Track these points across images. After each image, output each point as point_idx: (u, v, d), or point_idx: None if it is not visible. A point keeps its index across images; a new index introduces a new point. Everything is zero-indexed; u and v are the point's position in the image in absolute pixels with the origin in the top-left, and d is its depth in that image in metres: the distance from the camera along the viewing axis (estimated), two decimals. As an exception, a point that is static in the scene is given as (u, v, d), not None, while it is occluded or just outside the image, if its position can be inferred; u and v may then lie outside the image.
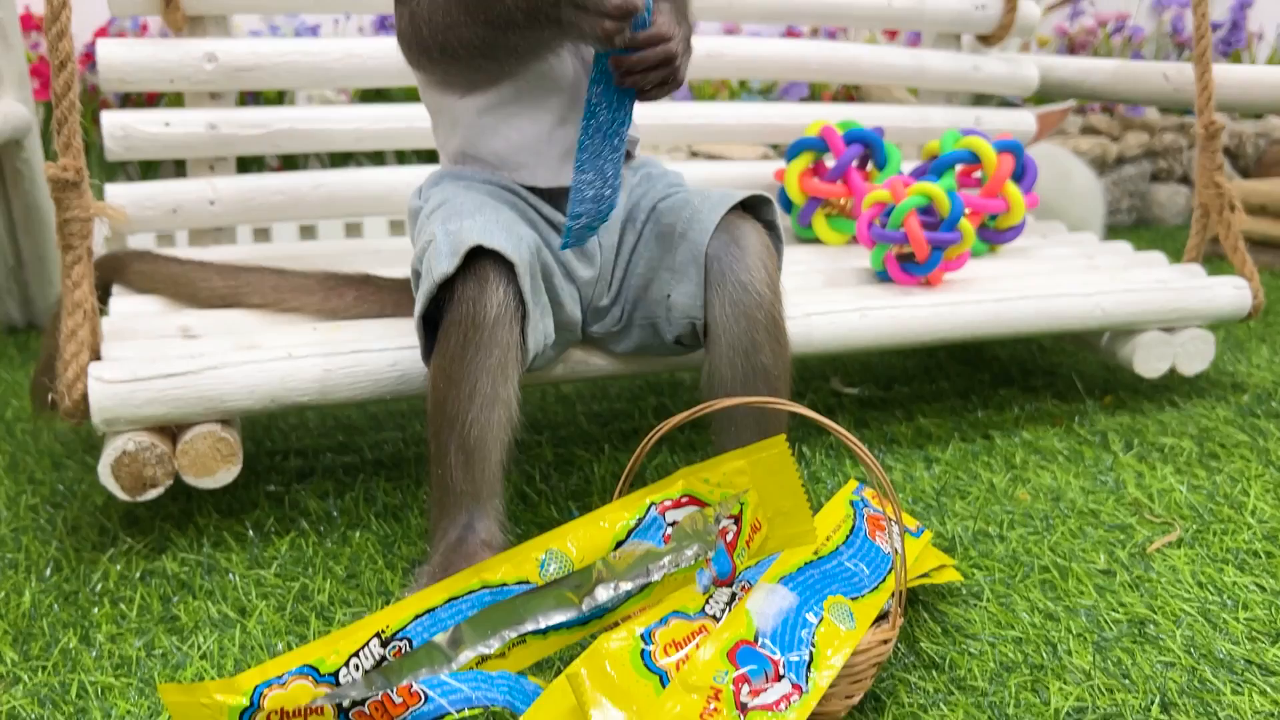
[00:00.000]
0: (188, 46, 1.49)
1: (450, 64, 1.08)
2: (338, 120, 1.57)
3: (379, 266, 1.49)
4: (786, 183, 1.68)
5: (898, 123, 1.89)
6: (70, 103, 1.12)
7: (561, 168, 1.14)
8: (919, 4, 1.89)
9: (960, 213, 1.43)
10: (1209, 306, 1.53)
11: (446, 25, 1.04)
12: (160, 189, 1.50)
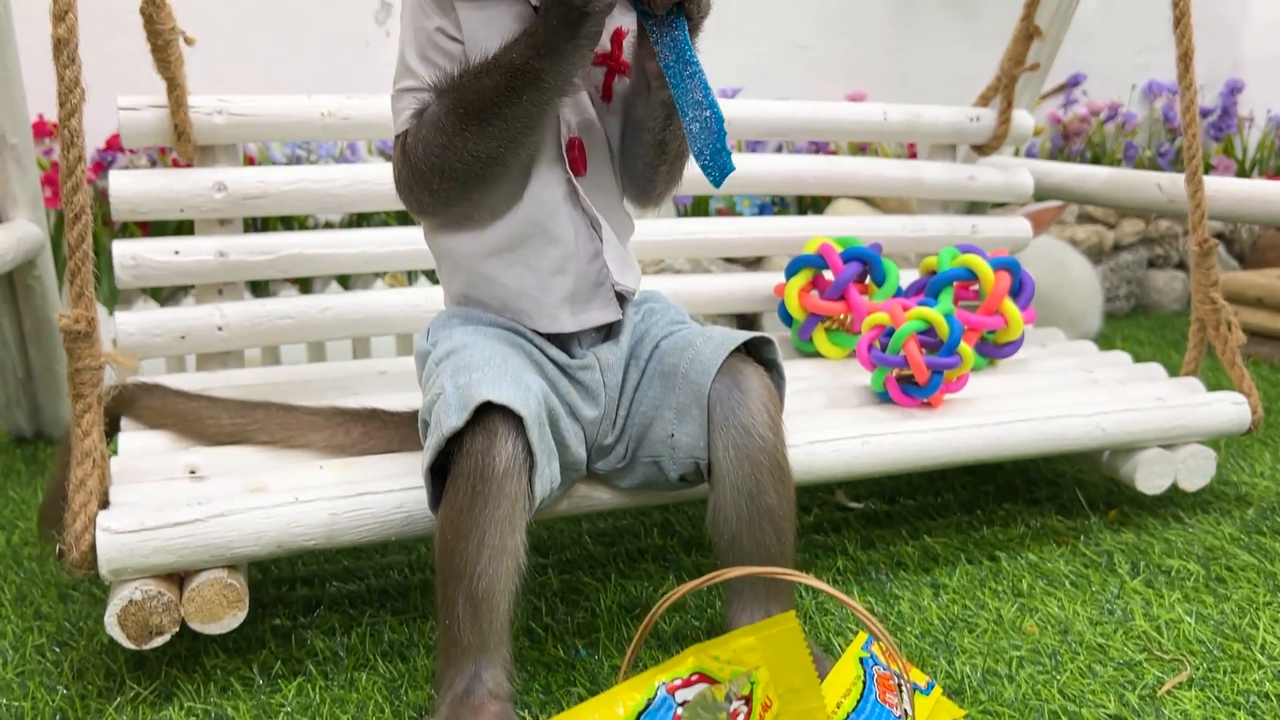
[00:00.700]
0: (198, 177, 1.52)
1: (449, 189, 1.09)
2: (345, 245, 1.59)
3: (385, 390, 1.51)
4: (786, 298, 1.70)
5: (894, 233, 1.91)
6: (84, 253, 1.14)
7: (560, 314, 1.15)
8: (914, 117, 1.93)
9: (959, 337, 1.44)
10: (1209, 423, 1.54)
11: (442, 144, 1.06)
12: (169, 316, 1.52)
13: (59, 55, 1.12)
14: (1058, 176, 2.07)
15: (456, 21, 1.08)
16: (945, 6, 3.32)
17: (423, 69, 1.09)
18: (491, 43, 1.07)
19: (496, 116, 1.03)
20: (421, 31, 1.09)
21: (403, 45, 1.12)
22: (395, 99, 1.13)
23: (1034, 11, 1.88)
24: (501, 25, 1.08)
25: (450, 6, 1.08)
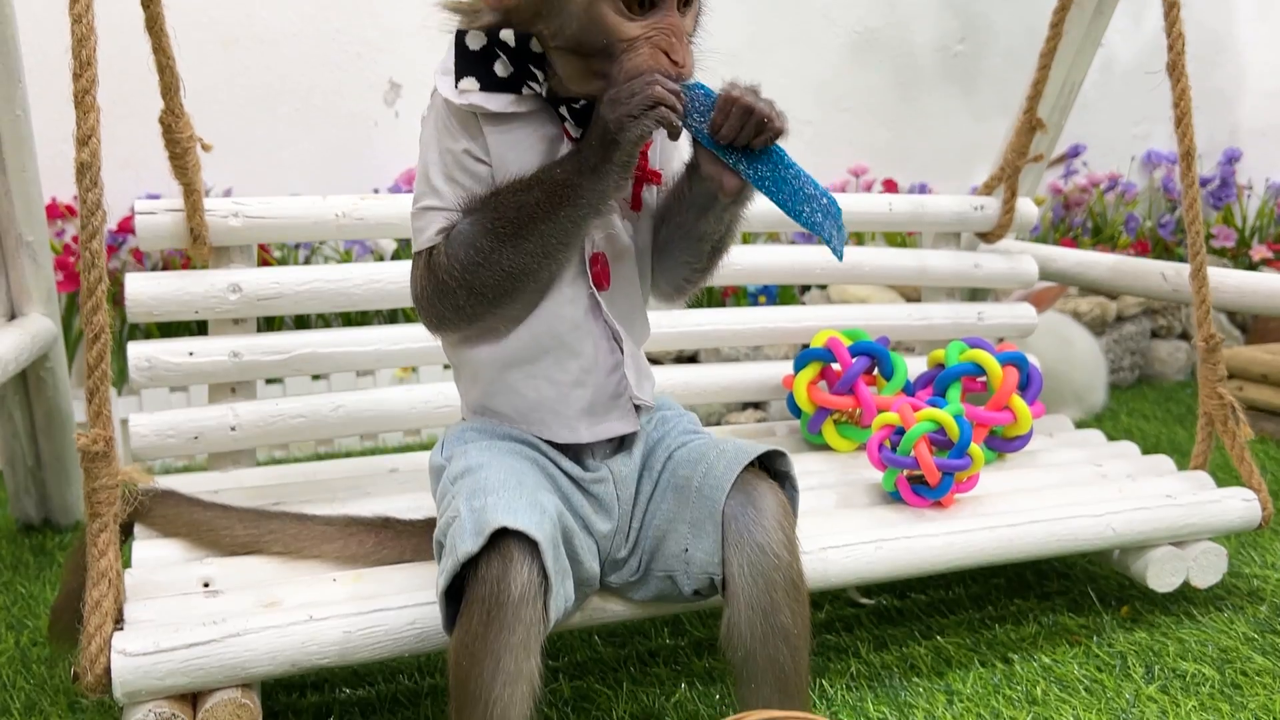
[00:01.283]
0: (213, 279, 1.54)
1: (475, 305, 1.10)
2: (358, 343, 1.60)
3: (397, 490, 1.52)
4: (795, 392, 1.71)
5: (901, 322, 1.93)
6: (102, 373, 1.15)
7: (578, 426, 1.16)
8: (918, 207, 1.95)
9: (969, 438, 1.45)
10: (1219, 521, 1.55)
11: (475, 261, 1.07)
12: (183, 416, 1.53)
13: (81, 179, 1.14)
14: (1061, 262, 2.09)
15: (484, 144, 1.10)
16: (945, 81, 3.37)
17: (448, 188, 1.11)
18: (519, 163, 1.09)
19: (533, 232, 1.05)
20: (448, 153, 1.10)
21: (425, 165, 1.13)
22: (416, 216, 1.13)
23: (1036, 104, 1.90)
24: (529, 146, 1.10)
25: (478, 130, 1.10)
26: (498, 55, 1.08)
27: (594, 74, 1.05)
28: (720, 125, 1.05)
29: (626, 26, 1.03)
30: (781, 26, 3.15)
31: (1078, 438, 1.86)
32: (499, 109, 1.08)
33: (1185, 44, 1.59)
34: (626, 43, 1.03)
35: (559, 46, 1.05)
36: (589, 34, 1.03)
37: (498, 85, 1.08)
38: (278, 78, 2.70)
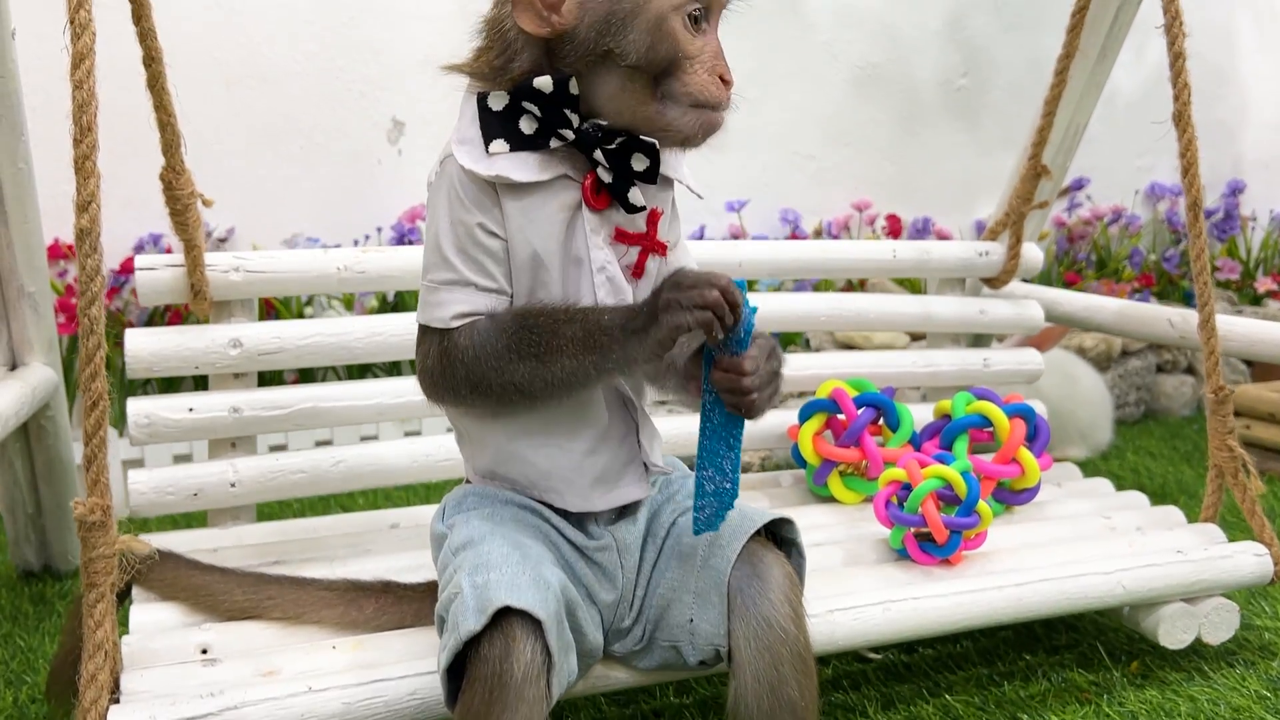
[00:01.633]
0: (213, 334, 1.53)
1: (478, 402, 1.11)
2: (359, 396, 1.59)
3: (398, 548, 1.50)
4: (800, 443, 1.69)
5: (906, 369, 1.92)
6: (100, 440, 1.14)
7: (591, 494, 1.15)
8: (923, 253, 1.94)
9: (977, 496, 1.44)
10: (1230, 577, 1.53)
11: (491, 367, 1.06)
12: (182, 473, 1.52)
13: (81, 244, 1.13)
14: (1068, 306, 2.07)
15: (499, 217, 1.08)
16: (948, 115, 3.36)
17: (460, 261, 1.08)
18: (538, 235, 1.08)
19: (556, 364, 1.04)
20: (460, 225, 1.08)
21: (436, 235, 1.10)
22: (429, 290, 1.11)
23: (1041, 151, 1.90)
24: (547, 216, 1.08)
25: (493, 201, 1.07)
26: (523, 112, 1.06)
27: (654, 94, 1.04)
28: (723, 369, 1.04)
29: (689, 43, 1.04)
30: (784, 62, 3.15)
31: (1085, 487, 1.84)
32: (523, 179, 1.07)
33: (1191, 95, 1.58)
34: (689, 59, 1.04)
35: (628, 65, 1.03)
36: (658, 48, 1.02)
37: (525, 144, 1.07)
38: (281, 117, 2.70)
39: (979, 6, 3.32)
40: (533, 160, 1.07)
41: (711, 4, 1.06)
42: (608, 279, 1.11)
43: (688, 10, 1.03)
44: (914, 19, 3.26)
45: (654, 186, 1.11)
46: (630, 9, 1.02)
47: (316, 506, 2.15)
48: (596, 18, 1.03)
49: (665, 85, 1.04)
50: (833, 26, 3.18)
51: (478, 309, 1.08)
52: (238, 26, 2.62)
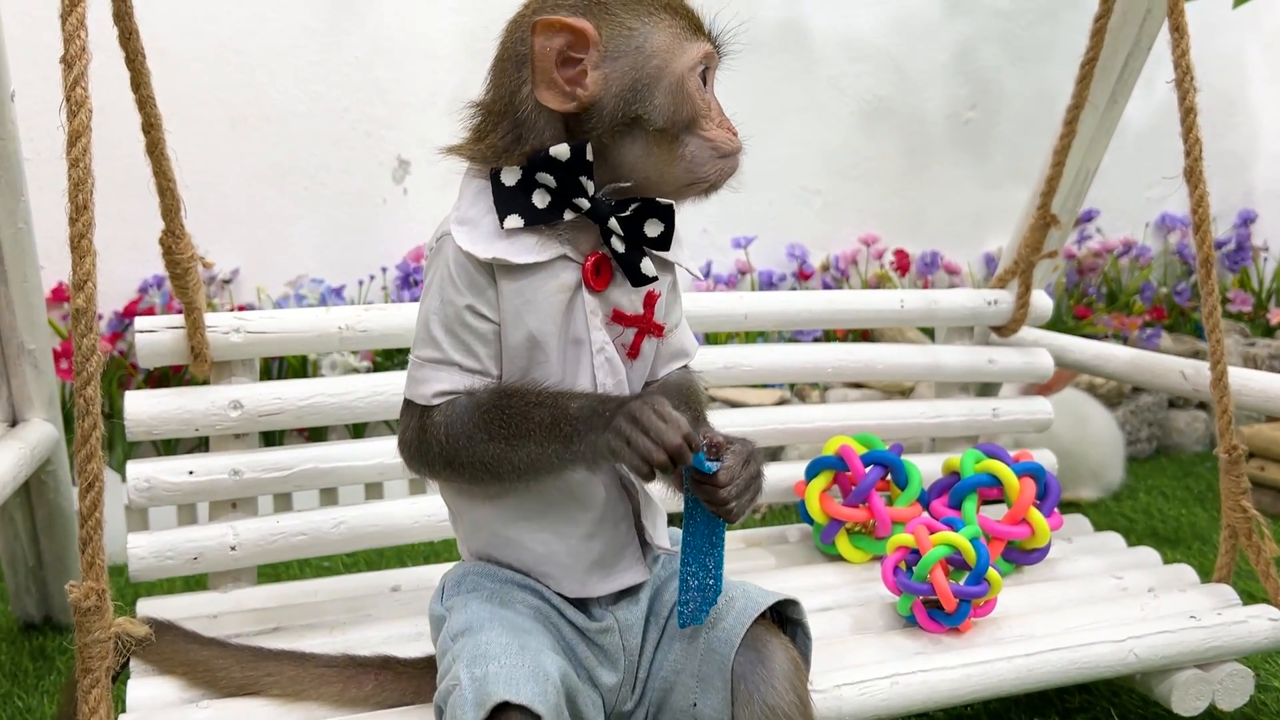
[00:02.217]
0: (213, 395, 1.52)
1: (453, 476, 1.11)
2: (360, 457, 1.58)
3: (399, 613, 1.49)
4: (807, 501, 1.67)
5: (914, 419, 1.89)
6: (96, 521, 1.12)
7: (589, 579, 1.13)
8: (931, 303, 1.92)
9: (986, 564, 1.41)
10: (1245, 643, 1.50)
11: (461, 446, 1.06)
12: (182, 537, 1.51)
13: (77, 324, 1.12)
14: (1078, 354, 2.05)
15: (492, 298, 1.07)
16: (956, 148, 3.35)
17: (447, 341, 1.08)
18: (535, 316, 1.07)
19: (523, 448, 1.04)
20: (450, 305, 1.07)
21: (426, 313, 1.10)
22: (415, 366, 1.11)
23: (1050, 200, 1.88)
24: (546, 297, 1.07)
25: (488, 282, 1.06)
26: (536, 186, 1.06)
27: (678, 153, 1.05)
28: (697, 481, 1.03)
29: (703, 100, 1.06)
30: (791, 95, 3.14)
31: (1096, 542, 1.81)
32: (522, 260, 1.06)
33: (1202, 150, 1.56)
34: (705, 117, 1.06)
35: (655, 129, 1.03)
36: (682, 109, 1.04)
37: (537, 218, 1.06)
38: (286, 156, 2.69)
39: (987, 39, 3.31)
40: (531, 241, 1.06)
41: (710, 64, 1.08)
42: (606, 359, 1.10)
43: (697, 70, 1.05)
44: (921, 52, 3.25)
45: (655, 267, 1.10)
46: (654, 74, 1.04)
47: (316, 564, 2.12)
48: (623, 86, 1.03)
49: (687, 142, 1.05)
50: (839, 60, 3.17)
51: (459, 388, 1.08)
52: (242, 66, 2.62)
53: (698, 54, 1.05)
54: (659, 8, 1.06)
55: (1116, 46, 1.87)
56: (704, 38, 1.07)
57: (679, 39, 1.05)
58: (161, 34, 2.53)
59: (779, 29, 3.08)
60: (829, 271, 3.17)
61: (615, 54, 1.03)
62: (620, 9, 1.05)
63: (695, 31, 1.07)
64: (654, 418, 0.97)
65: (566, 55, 1.03)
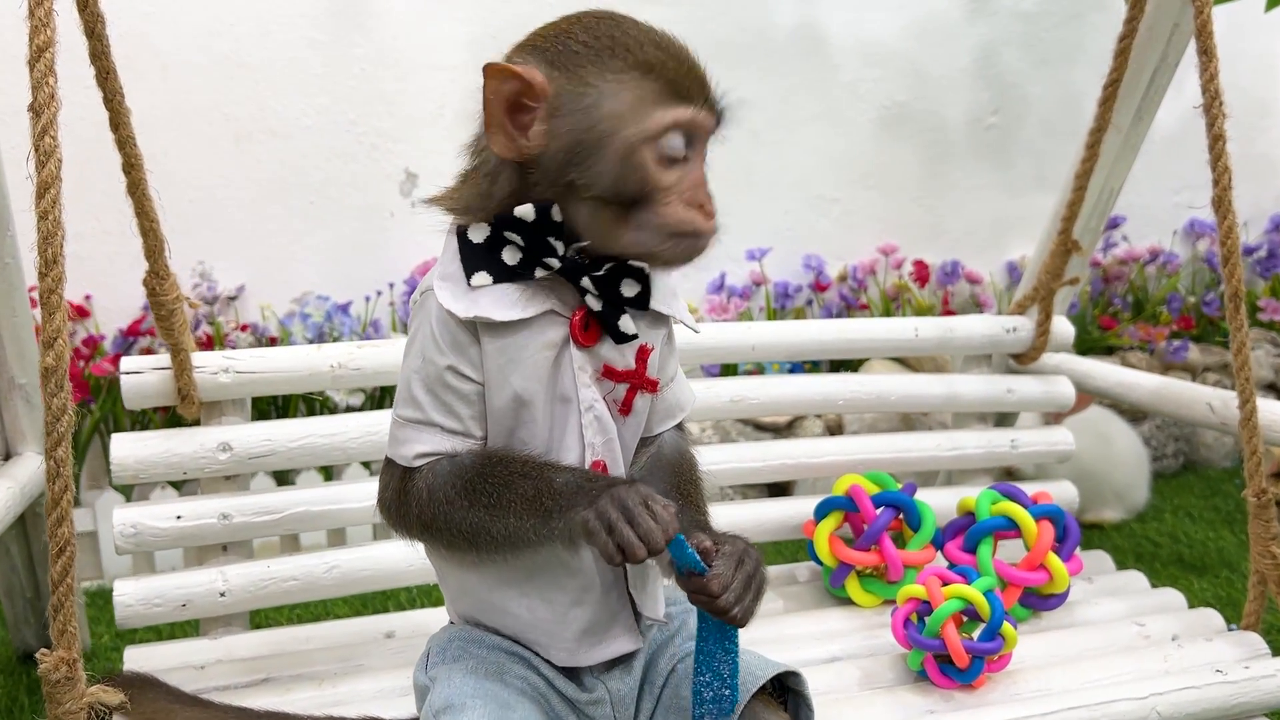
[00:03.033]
0: (202, 438, 1.48)
1: (430, 540, 1.06)
2: (352, 500, 1.53)
3: (391, 662, 1.45)
4: (815, 543, 1.61)
5: (929, 452, 1.83)
6: (67, 587, 1.09)
7: (578, 648, 1.08)
8: (946, 331, 1.85)
9: (1001, 619, 1.35)
10: (1274, 698, 1.43)
11: (440, 512, 1.01)
12: (169, 583, 1.47)
13: (47, 382, 1.09)
14: (1101, 380, 1.97)
15: (475, 358, 1.02)
16: (978, 155, 3.27)
17: (428, 401, 1.03)
18: (520, 375, 1.01)
19: (503, 519, 0.98)
20: (430, 364, 1.03)
21: (408, 372, 1.05)
22: (396, 425, 1.06)
23: (1071, 226, 1.80)
24: (531, 355, 1.01)
25: (471, 340, 1.01)
26: (506, 242, 1.00)
27: (627, 224, 0.98)
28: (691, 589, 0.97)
29: (663, 175, 0.97)
30: (807, 103, 3.06)
31: (1118, 582, 1.75)
32: (505, 318, 1.00)
33: (1231, 179, 1.49)
34: (662, 191, 0.97)
35: (594, 196, 0.97)
36: (626, 181, 0.96)
37: (508, 275, 1.01)
38: (291, 171, 2.65)
39: (1009, 42, 3.22)
40: (515, 296, 1.01)
41: (694, 133, 0.99)
42: (595, 418, 1.05)
43: (663, 144, 0.96)
44: (942, 56, 3.17)
45: (644, 321, 1.05)
46: (598, 138, 0.95)
47: (311, 606, 2.08)
48: (562, 145, 0.96)
49: (638, 216, 0.97)
50: (857, 66, 3.09)
51: (440, 450, 1.03)
52: (247, 80, 2.58)
53: (663, 122, 0.95)
54: (631, 66, 0.96)
55: (1142, 63, 1.80)
56: (685, 104, 0.97)
57: (643, 104, 0.95)
58: (164, 48, 2.49)
59: (794, 34, 3.01)
60: (846, 282, 3.10)
61: (563, 110, 0.96)
62: (588, 62, 0.96)
63: (673, 97, 0.97)
64: (643, 512, 0.91)
65: (519, 101, 0.96)
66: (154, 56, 2.49)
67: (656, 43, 0.98)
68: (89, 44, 1.21)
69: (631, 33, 0.98)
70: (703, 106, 0.99)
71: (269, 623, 1.92)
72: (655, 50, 0.97)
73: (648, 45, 0.97)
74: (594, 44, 0.97)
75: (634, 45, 0.97)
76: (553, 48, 0.98)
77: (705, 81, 1.00)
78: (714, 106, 1.00)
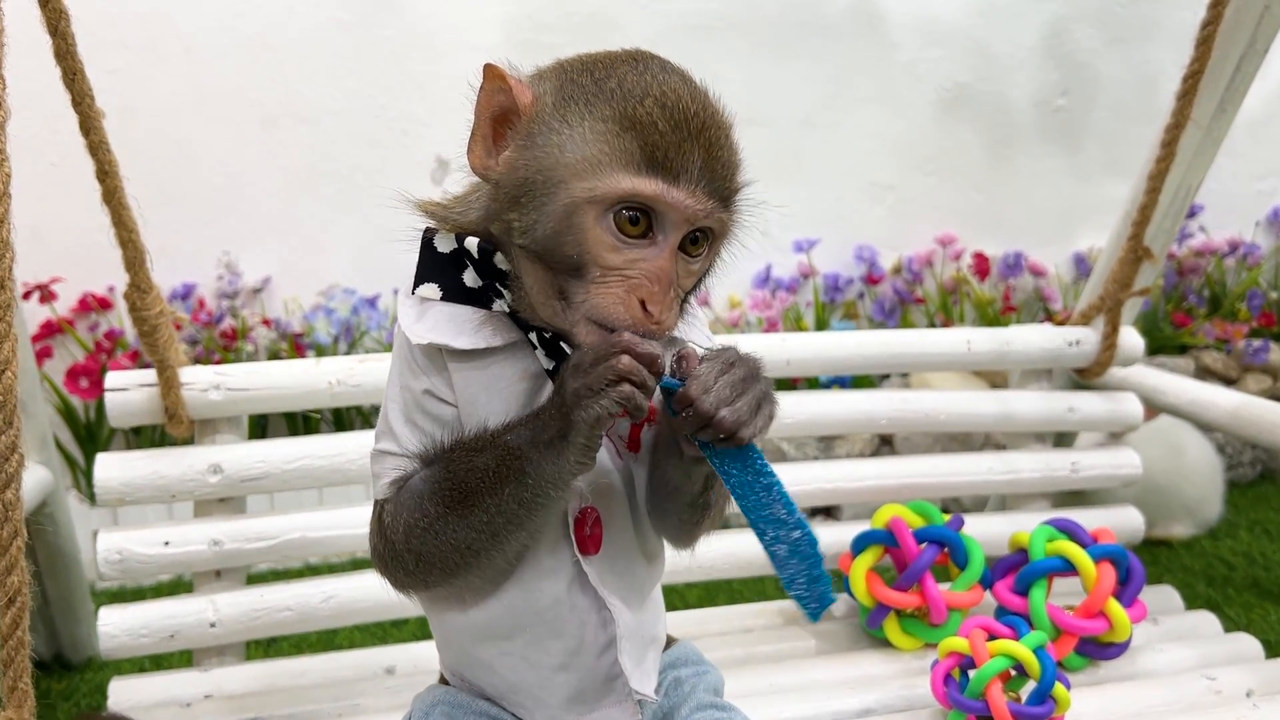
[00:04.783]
0: (191, 459, 1.39)
1: (427, 573, 0.94)
2: (349, 525, 1.44)
3: (388, 702, 1.37)
4: (852, 580, 1.48)
5: (981, 476, 1.69)
6: (19, 640, 1.00)
7: (565, 716, 0.98)
8: (1002, 344, 1.70)
9: (1052, 680, 1.21)
10: (1364, 773, 1.28)
11: (422, 526, 0.90)
12: (157, 613, 1.39)
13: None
14: (1173, 397, 1.81)
15: (449, 380, 0.92)
16: (1044, 139, 3.07)
17: (406, 431, 0.94)
18: (492, 406, 0.91)
19: (479, 505, 0.87)
20: (407, 391, 0.94)
21: (386, 401, 0.97)
22: (374, 459, 0.97)
23: (1143, 230, 1.64)
24: (505, 385, 0.91)
25: (442, 364, 0.92)
26: (467, 264, 0.90)
27: (555, 292, 0.86)
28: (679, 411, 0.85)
29: (607, 249, 0.83)
30: (863, 85, 2.89)
31: (1187, 625, 1.59)
32: (465, 346, 0.89)
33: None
34: (602, 269, 0.83)
35: (525, 246, 0.85)
36: (562, 242, 0.83)
37: (465, 296, 0.90)
38: (320, 157, 2.55)
39: (1081, 18, 3.01)
40: (479, 321, 0.90)
41: (663, 213, 0.83)
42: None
43: (613, 208, 0.82)
44: (1007, 35, 2.97)
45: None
46: (545, 183, 0.83)
47: (308, 636, 1.97)
48: (517, 179, 0.85)
49: (567, 285, 0.84)
50: (917, 45, 2.91)
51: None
52: (274, 64, 2.48)
53: (617, 188, 0.81)
54: (615, 117, 0.82)
55: (1227, 50, 1.62)
56: (654, 175, 0.82)
57: (612, 163, 0.81)
58: (187, 29, 2.40)
59: (849, 11, 2.83)
60: (901, 275, 2.94)
61: (534, 142, 0.84)
62: (581, 101, 0.83)
63: (642, 164, 0.81)
64: (592, 354, 0.81)
65: (504, 116, 0.86)
66: (176, 38, 2.40)
67: (663, 99, 0.83)
68: (53, 43, 1.11)
69: (644, 81, 0.84)
70: (684, 186, 0.83)
71: (266, 654, 1.82)
72: (654, 107, 0.82)
73: (650, 99, 0.82)
74: (600, 83, 0.84)
75: (633, 95, 0.83)
76: (569, 74, 0.86)
77: (699, 158, 0.83)
78: (705, 191, 0.83)
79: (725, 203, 0.85)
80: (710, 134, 0.83)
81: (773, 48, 2.79)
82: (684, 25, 2.67)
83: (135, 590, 2.16)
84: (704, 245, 0.87)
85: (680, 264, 0.86)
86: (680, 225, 0.84)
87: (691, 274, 0.88)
